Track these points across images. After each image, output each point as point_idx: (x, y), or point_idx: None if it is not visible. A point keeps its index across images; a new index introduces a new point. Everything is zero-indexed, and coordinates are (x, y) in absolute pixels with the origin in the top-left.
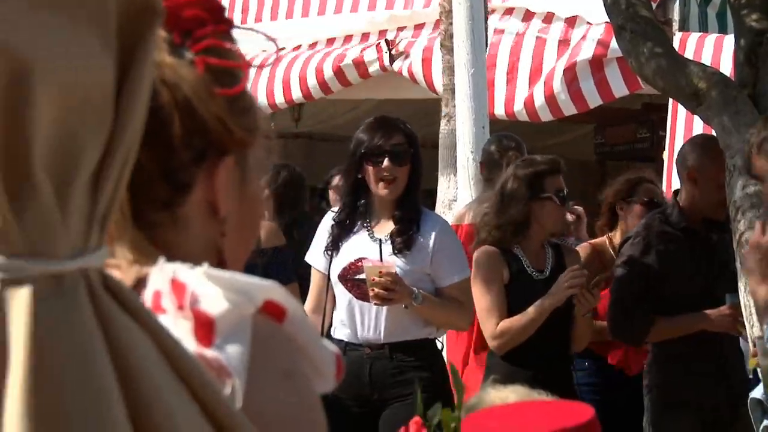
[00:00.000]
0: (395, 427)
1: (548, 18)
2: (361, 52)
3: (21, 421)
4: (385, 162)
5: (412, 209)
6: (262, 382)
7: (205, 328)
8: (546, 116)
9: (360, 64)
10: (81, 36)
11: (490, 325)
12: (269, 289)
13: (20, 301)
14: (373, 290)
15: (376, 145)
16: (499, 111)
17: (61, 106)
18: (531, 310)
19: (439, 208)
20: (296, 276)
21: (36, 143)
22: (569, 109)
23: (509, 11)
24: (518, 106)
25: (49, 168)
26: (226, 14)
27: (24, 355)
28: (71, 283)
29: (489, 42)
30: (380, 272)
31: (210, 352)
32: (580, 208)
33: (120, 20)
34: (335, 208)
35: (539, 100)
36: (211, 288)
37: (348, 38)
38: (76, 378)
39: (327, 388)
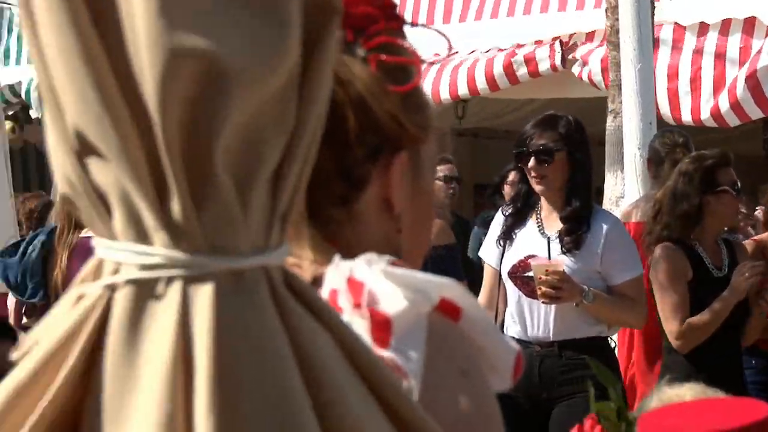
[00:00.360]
0: (565, 426)
1: (725, 29)
2: (533, 50)
3: (206, 418)
4: (531, 161)
5: (581, 207)
6: (438, 381)
7: (381, 328)
8: (733, 121)
9: (531, 61)
10: (270, 37)
11: (675, 323)
12: (446, 287)
13: (203, 297)
14: (540, 289)
15: (525, 144)
16: (686, 118)
17: (250, 107)
18: (715, 307)
19: (607, 205)
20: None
21: (221, 142)
22: (755, 113)
23: (681, 28)
24: (705, 114)
25: (232, 166)
26: (398, 12)
27: (207, 352)
28: (252, 280)
29: (662, 50)
30: (547, 270)
31: (386, 353)
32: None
33: (302, 19)
34: (506, 204)
35: (724, 106)
36: (388, 286)
37: (519, 46)
38: (257, 376)
39: (504, 386)
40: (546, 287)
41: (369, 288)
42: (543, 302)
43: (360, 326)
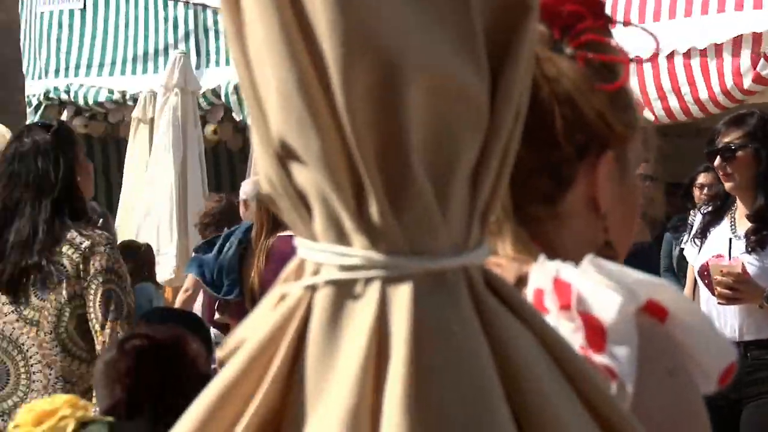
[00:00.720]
0: (758, 428)
1: None
2: (754, 69)
3: (400, 418)
4: (717, 160)
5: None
6: (644, 381)
7: (596, 332)
8: None
9: (759, 78)
10: (446, 34)
11: None
12: (655, 287)
13: (401, 298)
14: (716, 289)
15: (713, 142)
16: None
17: (433, 105)
18: None
19: None
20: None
21: (413, 142)
22: None
23: None
24: None
25: (428, 166)
26: (605, 10)
27: (404, 353)
28: (452, 280)
29: None
30: (722, 271)
31: (599, 357)
32: None
33: (491, 16)
34: (705, 204)
35: None
36: (598, 288)
37: (717, 46)
38: (456, 377)
39: (709, 389)
40: (722, 288)
41: (577, 290)
42: (719, 303)
43: (566, 328)
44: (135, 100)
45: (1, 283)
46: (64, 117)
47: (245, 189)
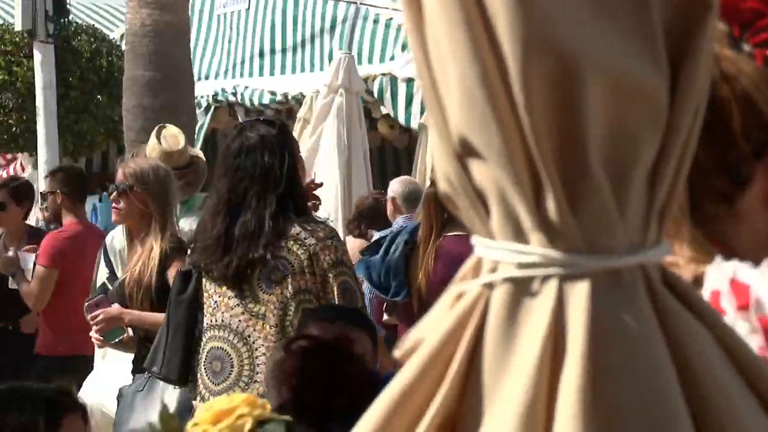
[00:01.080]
0: None
1: None
2: None
3: (576, 417)
4: None
5: None
6: None
7: None
8: None
9: None
10: (624, 31)
11: None
12: None
13: (578, 296)
14: None
15: None
16: None
17: (612, 102)
18: None
19: None
20: None
21: (592, 139)
22: None
23: None
24: None
25: (606, 164)
26: None
27: (581, 352)
28: (629, 278)
29: None
30: None
31: None
32: None
33: (670, 13)
34: None
35: None
36: None
37: None
38: (632, 377)
39: None
40: None
41: (756, 293)
42: None
43: (743, 329)
44: (296, 99)
45: (227, 276)
46: (239, 119)
47: (394, 187)
